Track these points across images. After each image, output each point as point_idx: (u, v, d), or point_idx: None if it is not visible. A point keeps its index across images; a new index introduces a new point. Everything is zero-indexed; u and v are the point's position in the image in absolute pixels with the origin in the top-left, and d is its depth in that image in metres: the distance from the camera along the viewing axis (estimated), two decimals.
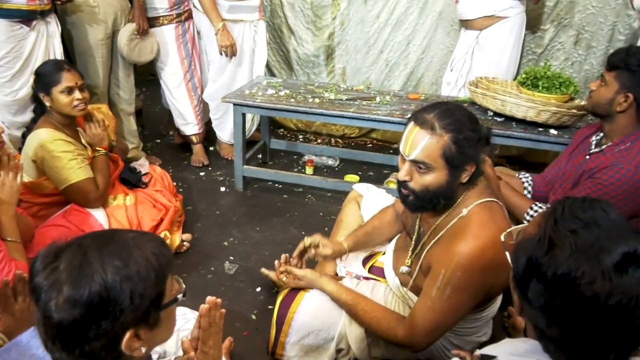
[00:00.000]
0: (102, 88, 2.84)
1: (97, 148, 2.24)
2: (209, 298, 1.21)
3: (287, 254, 1.75)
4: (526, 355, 0.83)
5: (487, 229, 1.34)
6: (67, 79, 2.09)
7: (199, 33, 3.18)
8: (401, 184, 1.42)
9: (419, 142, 1.33)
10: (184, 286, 0.94)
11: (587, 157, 1.89)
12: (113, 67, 2.91)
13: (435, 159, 1.33)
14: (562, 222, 0.77)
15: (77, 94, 2.10)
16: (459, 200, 1.42)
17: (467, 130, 1.33)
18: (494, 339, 1.62)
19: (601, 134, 1.91)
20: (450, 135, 1.31)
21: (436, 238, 1.47)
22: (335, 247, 1.77)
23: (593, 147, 1.90)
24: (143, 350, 0.84)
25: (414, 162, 1.36)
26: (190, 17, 3.12)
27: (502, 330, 1.48)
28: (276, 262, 1.74)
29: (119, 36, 2.75)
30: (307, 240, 1.75)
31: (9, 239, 1.60)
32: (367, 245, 1.86)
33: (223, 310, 1.24)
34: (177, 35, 3.06)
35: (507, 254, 0.85)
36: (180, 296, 0.91)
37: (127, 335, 0.80)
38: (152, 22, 2.97)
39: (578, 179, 1.87)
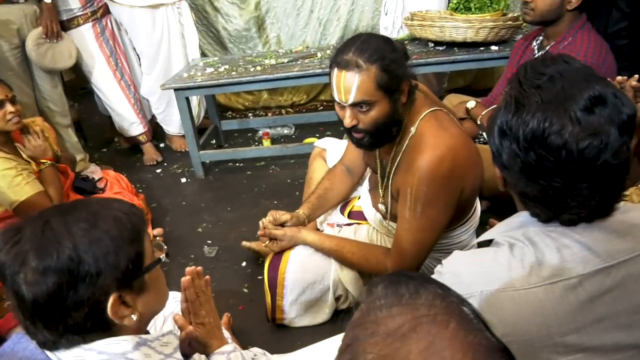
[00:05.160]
0: (25, 101, 2.64)
1: (42, 160, 2.11)
2: (188, 269, 1.17)
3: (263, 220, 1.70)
4: (521, 227, 0.83)
5: (439, 137, 1.36)
6: None
7: (119, 28, 3.03)
8: (350, 129, 1.41)
9: (352, 85, 1.32)
10: (166, 247, 0.89)
11: None
12: (35, 79, 2.73)
13: (372, 93, 1.33)
14: (526, 82, 0.77)
15: (8, 107, 1.96)
16: (405, 121, 1.43)
17: (389, 52, 1.34)
18: None
19: (540, 38, 1.93)
20: (377, 64, 1.31)
21: (396, 164, 1.48)
22: (293, 220, 1.71)
23: (536, 51, 1.92)
24: (134, 317, 0.79)
25: (354, 105, 1.36)
26: (106, 12, 2.95)
27: None
28: (260, 222, 1.69)
29: (26, 42, 2.56)
30: (266, 220, 1.68)
31: None
32: (325, 207, 1.83)
33: (207, 277, 1.21)
34: (97, 33, 2.90)
35: (479, 121, 0.83)
36: (163, 256, 0.87)
37: (111, 300, 0.75)
38: (68, 24, 2.79)
39: None
